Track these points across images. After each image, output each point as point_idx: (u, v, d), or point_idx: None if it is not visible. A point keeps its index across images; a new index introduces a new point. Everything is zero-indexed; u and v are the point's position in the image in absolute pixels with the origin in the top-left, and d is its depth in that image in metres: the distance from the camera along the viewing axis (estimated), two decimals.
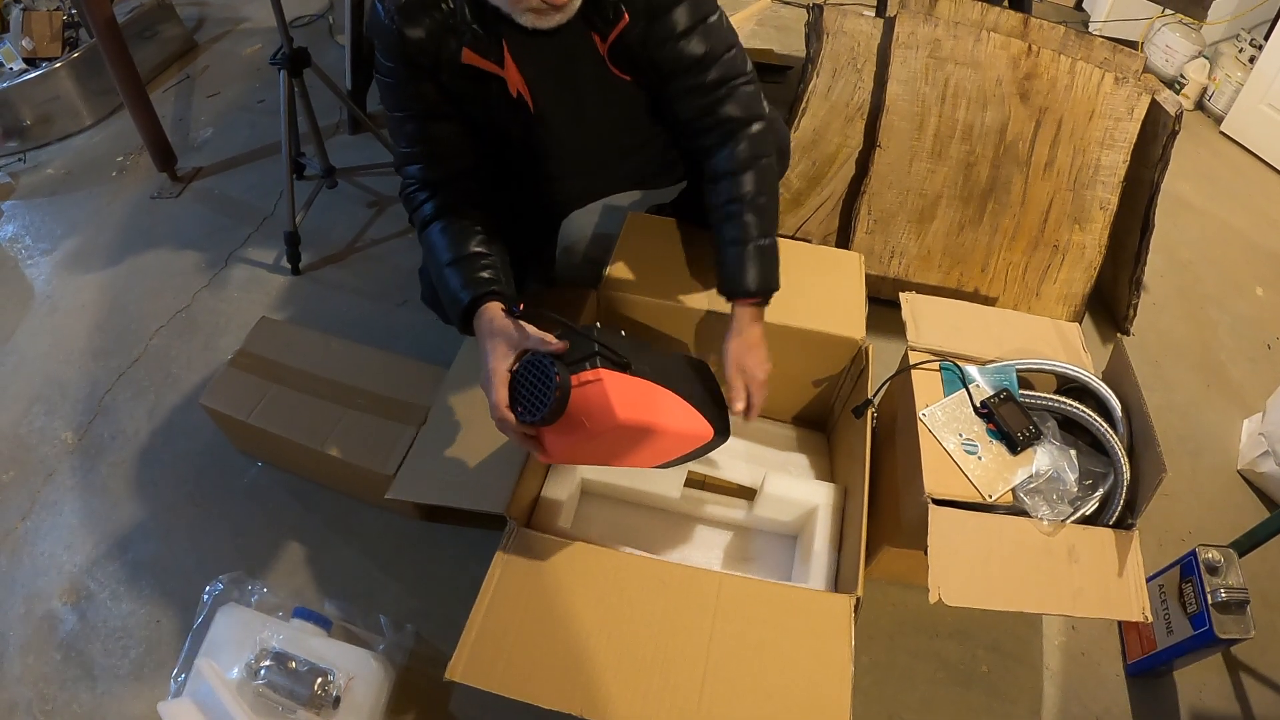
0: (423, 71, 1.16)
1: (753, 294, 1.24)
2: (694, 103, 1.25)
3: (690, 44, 1.20)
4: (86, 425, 1.70)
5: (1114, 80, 1.73)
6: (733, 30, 1.27)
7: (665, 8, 1.18)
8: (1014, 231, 1.80)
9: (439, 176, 1.25)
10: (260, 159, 2.37)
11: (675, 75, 1.24)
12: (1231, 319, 2.07)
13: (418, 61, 1.15)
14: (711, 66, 1.22)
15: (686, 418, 1.13)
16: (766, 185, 1.26)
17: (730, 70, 1.24)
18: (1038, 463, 1.17)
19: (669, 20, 1.19)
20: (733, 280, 1.25)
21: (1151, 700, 1.38)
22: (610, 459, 1.14)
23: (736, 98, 1.25)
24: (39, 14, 2.47)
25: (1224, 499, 1.69)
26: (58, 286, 2.01)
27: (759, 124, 1.26)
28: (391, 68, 1.17)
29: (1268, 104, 2.57)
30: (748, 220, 1.24)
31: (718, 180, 1.26)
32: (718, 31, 1.23)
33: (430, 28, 1.12)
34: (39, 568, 1.48)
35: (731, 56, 1.24)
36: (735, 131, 1.25)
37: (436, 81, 1.18)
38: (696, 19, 1.20)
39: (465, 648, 1.01)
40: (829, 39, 1.79)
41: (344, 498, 1.55)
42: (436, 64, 1.15)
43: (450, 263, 1.19)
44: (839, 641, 1.05)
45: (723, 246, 1.26)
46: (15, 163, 2.42)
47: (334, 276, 2.00)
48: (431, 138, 1.23)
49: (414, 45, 1.13)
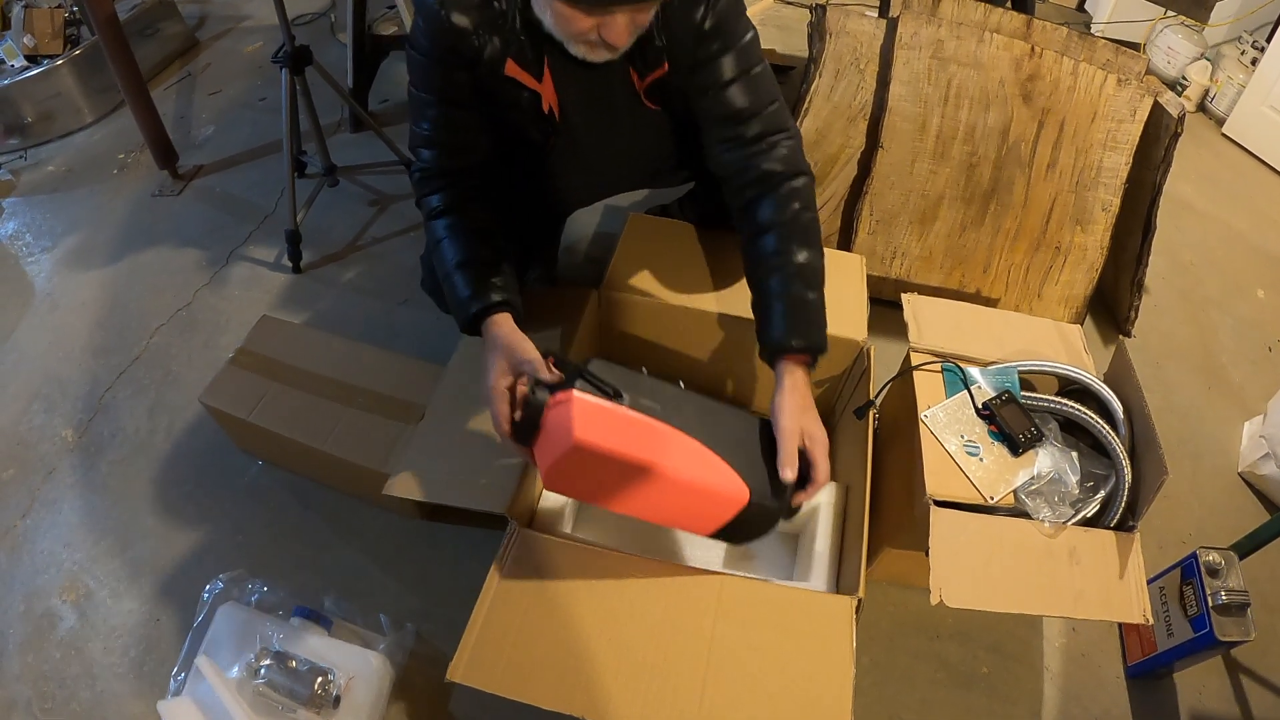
0: (460, 59, 1.15)
1: (799, 351, 1.16)
2: (737, 154, 1.22)
3: (733, 95, 1.19)
4: (87, 423, 1.70)
5: (1116, 82, 1.73)
6: (776, 84, 1.24)
7: (710, 58, 1.17)
8: (1016, 233, 1.80)
9: (453, 166, 1.24)
10: (261, 157, 2.37)
11: (715, 124, 1.22)
12: (1233, 321, 2.07)
13: (457, 48, 1.13)
14: (753, 120, 1.20)
15: (704, 467, 1.02)
16: (811, 240, 1.21)
17: (773, 124, 1.21)
18: (1039, 464, 1.17)
19: (713, 69, 1.18)
20: (779, 337, 1.16)
21: (1151, 702, 1.38)
22: (613, 500, 1.03)
23: (778, 152, 1.21)
24: (41, 11, 2.47)
25: (1225, 501, 1.69)
26: (58, 284, 2.01)
27: (802, 179, 1.22)
28: (428, 47, 1.15)
29: (1270, 106, 2.56)
30: (791, 275, 1.17)
31: (761, 234, 1.20)
32: (762, 84, 1.21)
33: (477, 20, 1.11)
34: (38, 565, 1.48)
35: (775, 109, 1.22)
36: (778, 185, 1.21)
37: (471, 72, 1.17)
38: (741, 70, 1.19)
39: (466, 648, 1.01)
40: (832, 39, 1.79)
41: (344, 496, 1.55)
42: (476, 57, 1.15)
43: (460, 264, 1.18)
44: (840, 643, 1.04)
45: (766, 302, 1.19)
46: (16, 160, 2.41)
47: (335, 275, 2.00)
48: (453, 125, 1.22)
49: (457, 33, 1.12)
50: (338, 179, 2.16)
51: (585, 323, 1.43)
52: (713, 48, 1.18)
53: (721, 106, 1.20)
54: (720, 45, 1.18)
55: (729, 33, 1.18)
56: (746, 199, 1.23)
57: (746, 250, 1.24)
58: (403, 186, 2.23)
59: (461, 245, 1.20)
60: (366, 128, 2.29)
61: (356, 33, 2.29)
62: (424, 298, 1.52)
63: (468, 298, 1.16)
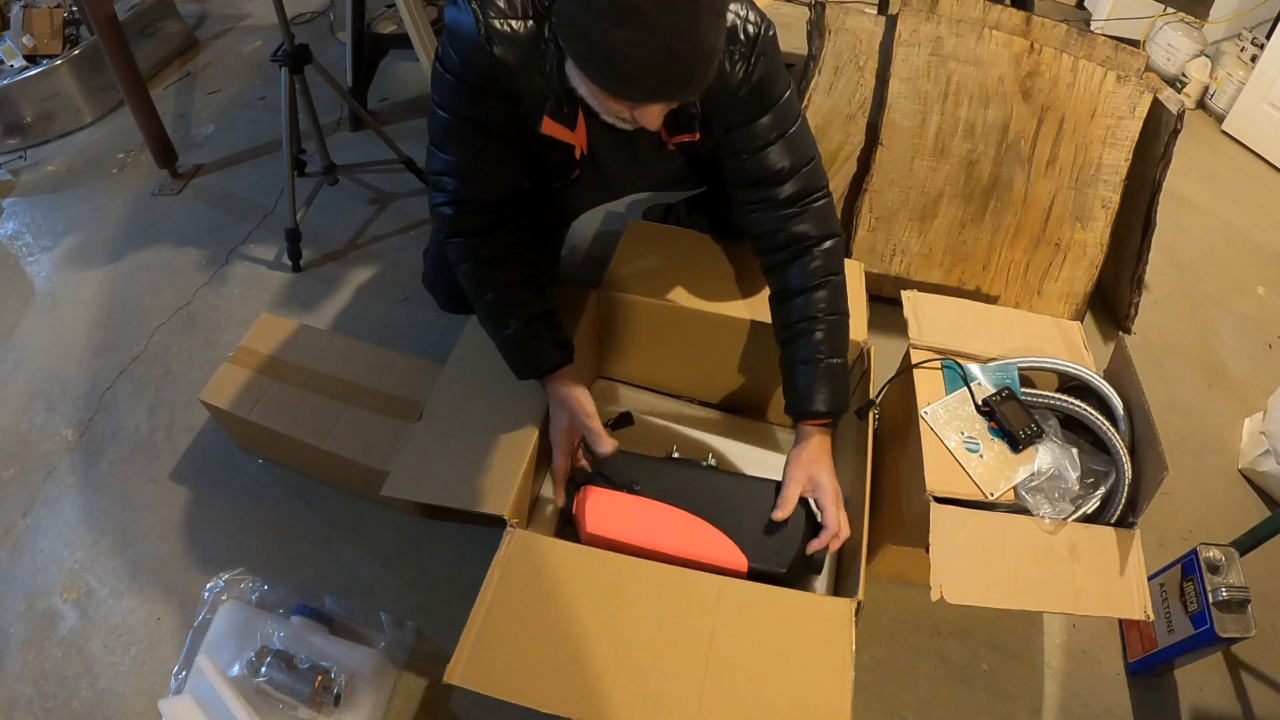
0: (498, 87, 1.10)
1: (823, 415, 1.21)
2: (768, 215, 1.22)
3: (770, 157, 1.18)
4: (87, 422, 1.70)
5: (1116, 79, 1.73)
6: (814, 140, 1.24)
7: (747, 121, 1.16)
8: (1016, 229, 1.80)
9: (486, 200, 1.20)
10: (261, 156, 2.37)
11: (748, 185, 1.22)
12: (1233, 318, 2.07)
13: (498, 78, 1.08)
14: (789, 180, 1.20)
15: (702, 544, 1.19)
16: (838, 304, 1.24)
17: (808, 185, 1.21)
18: (1039, 461, 1.17)
19: (749, 132, 1.17)
20: (804, 400, 1.21)
21: (1152, 699, 1.38)
22: None
23: (811, 214, 1.22)
24: (40, 11, 2.47)
25: (1225, 498, 1.69)
26: (58, 283, 2.01)
27: (832, 240, 1.23)
28: (462, 70, 1.09)
29: (1269, 103, 2.56)
30: (818, 339, 1.21)
31: (790, 298, 1.24)
32: (800, 143, 1.20)
33: (522, 59, 1.06)
34: (39, 565, 1.48)
35: (810, 169, 1.22)
36: (810, 249, 1.22)
37: (509, 103, 1.12)
38: (780, 131, 1.18)
39: (464, 650, 1.01)
40: (831, 37, 1.79)
41: (345, 495, 1.55)
42: (517, 94, 1.10)
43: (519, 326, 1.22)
44: (839, 645, 1.04)
45: (792, 365, 1.23)
46: (16, 160, 2.41)
47: (335, 273, 2.00)
48: (486, 155, 1.17)
49: (499, 66, 1.06)
50: (337, 178, 2.16)
51: (584, 323, 1.44)
52: (751, 111, 1.15)
53: (757, 169, 1.20)
54: (759, 108, 1.15)
55: (767, 93, 1.15)
56: (777, 260, 1.25)
57: (774, 309, 1.29)
58: (403, 185, 2.23)
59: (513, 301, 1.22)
60: (366, 126, 2.29)
61: (356, 31, 2.29)
62: (424, 295, 1.52)
63: (533, 362, 1.25)
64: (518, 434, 1.26)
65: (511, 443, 1.25)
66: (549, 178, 1.31)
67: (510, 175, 1.22)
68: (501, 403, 1.30)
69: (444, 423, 1.30)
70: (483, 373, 1.35)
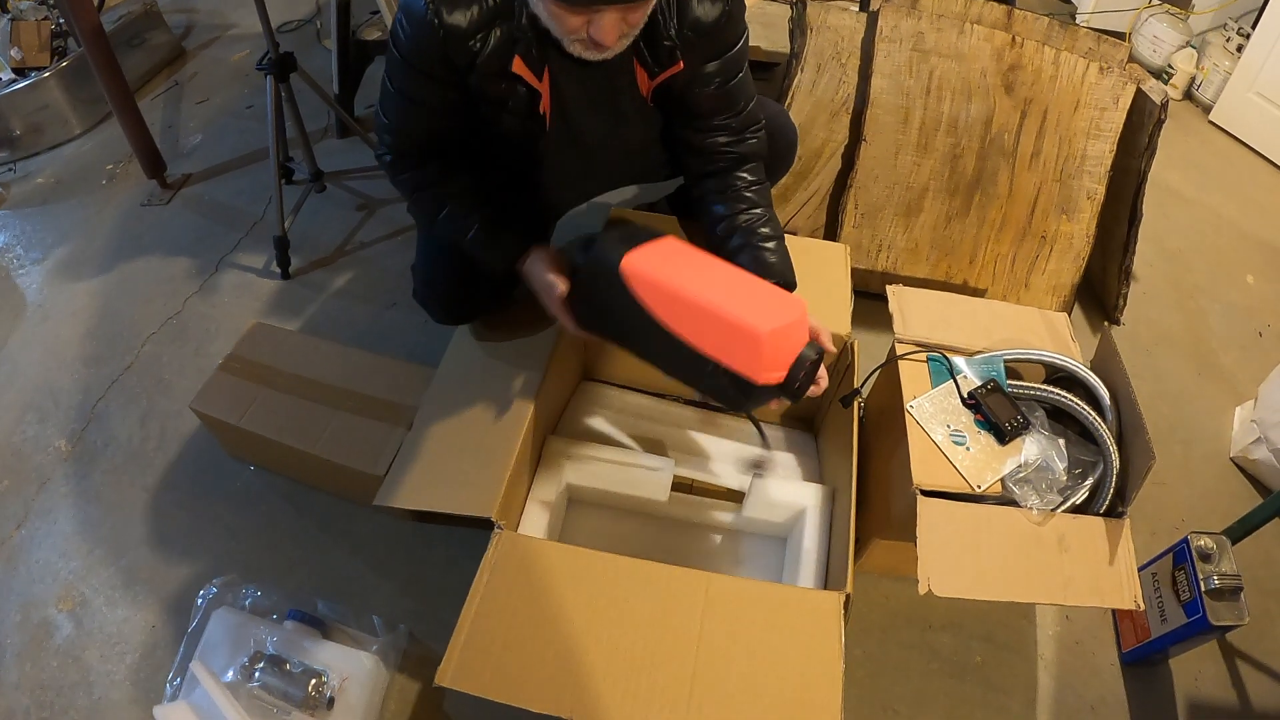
0: (448, 65, 1.13)
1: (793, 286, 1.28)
2: (712, 139, 1.30)
3: (741, 86, 1.27)
4: (79, 433, 1.70)
5: (1099, 70, 1.74)
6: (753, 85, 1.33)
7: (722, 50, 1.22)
8: (1001, 223, 1.80)
9: (428, 147, 1.26)
10: (249, 164, 2.37)
11: (714, 114, 1.28)
12: (1222, 307, 2.07)
13: (446, 54, 1.11)
14: (737, 115, 1.29)
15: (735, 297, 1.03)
16: (767, 199, 1.33)
17: (749, 119, 1.31)
18: (1026, 452, 1.17)
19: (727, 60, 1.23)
20: (783, 274, 1.26)
21: (1147, 689, 1.38)
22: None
23: (750, 142, 1.32)
24: (27, 24, 2.47)
25: (1217, 486, 1.69)
26: (49, 295, 2.01)
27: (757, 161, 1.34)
28: (411, 53, 1.13)
29: (1256, 92, 2.57)
30: (753, 228, 1.27)
31: (721, 198, 1.31)
32: (745, 84, 1.29)
33: (473, 18, 1.08)
34: (34, 575, 1.48)
35: (754, 107, 1.31)
36: (744, 161, 1.32)
37: (458, 77, 1.15)
38: (744, 64, 1.27)
39: (454, 652, 1.01)
40: (813, 34, 1.80)
41: (336, 500, 1.55)
42: (469, 61, 1.12)
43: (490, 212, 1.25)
44: (829, 639, 1.04)
45: (758, 247, 1.26)
46: (5, 172, 2.42)
47: (324, 280, 2.00)
48: (423, 119, 1.23)
49: (450, 33, 1.08)
50: (325, 185, 2.17)
51: None
52: (725, 42, 1.22)
53: (726, 98, 1.27)
54: (733, 40, 1.22)
55: (736, 27, 1.22)
56: (710, 169, 1.33)
57: (705, 211, 1.34)
58: (390, 191, 2.23)
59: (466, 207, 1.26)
60: (353, 133, 2.30)
61: (341, 39, 2.30)
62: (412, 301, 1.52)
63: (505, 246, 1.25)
64: (503, 437, 1.26)
65: (497, 446, 1.24)
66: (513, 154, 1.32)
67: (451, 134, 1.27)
68: (488, 408, 1.30)
69: (433, 430, 1.30)
70: (471, 379, 1.35)
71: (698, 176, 1.35)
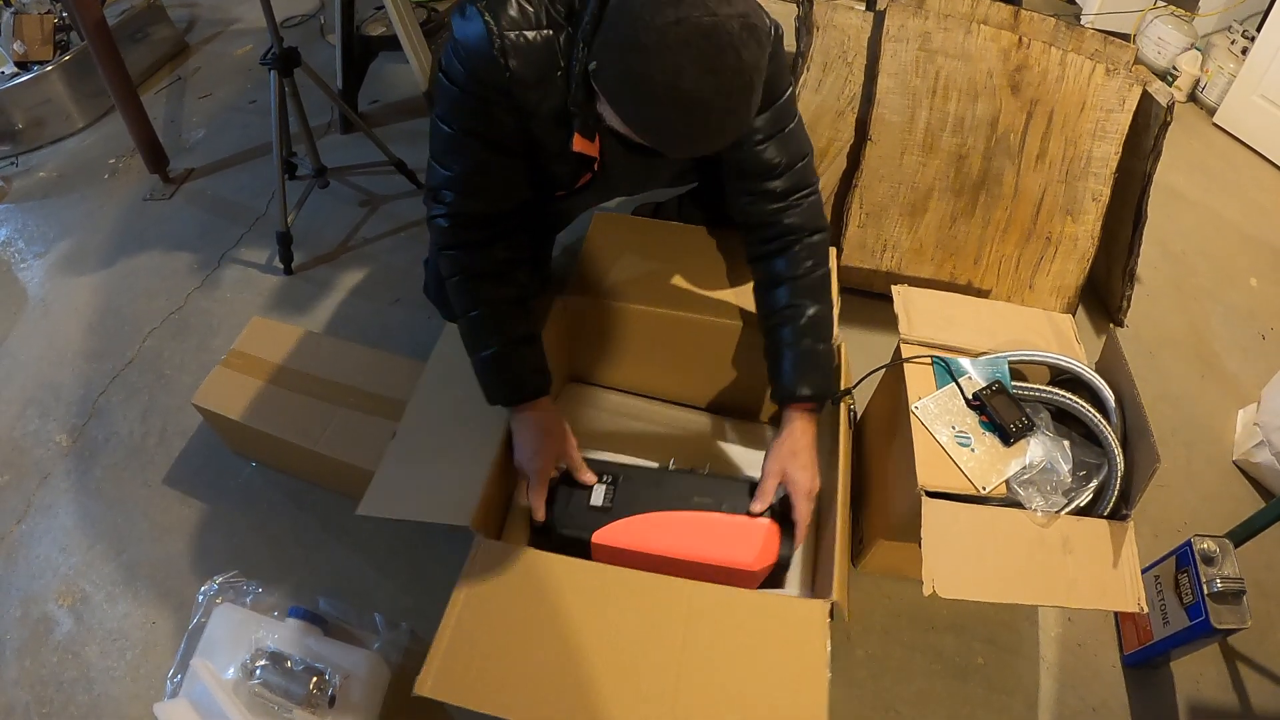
0: (510, 102, 1.08)
1: (809, 399, 1.22)
2: (761, 207, 1.25)
3: (766, 151, 1.20)
4: (80, 428, 1.70)
5: (1105, 72, 1.73)
6: (808, 140, 1.27)
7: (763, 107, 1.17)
8: (1006, 224, 1.80)
9: (487, 213, 1.18)
10: (252, 159, 2.37)
11: (743, 177, 1.24)
12: (1225, 310, 2.07)
13: (511, 92, 1.06)
14: (783, 175, 1.22)
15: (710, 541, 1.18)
16: (823, 294, 1.26)
17: (799, 181, 1.24)
18: (1031, 454, 1.17)
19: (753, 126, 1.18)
20: (790, 384, 1.22)
21: (1149, 691, 1.38)
22: None
23: (802, 209, 1.25)
24: (30, 17, 2.46)
25: (1219, 489, 1.69)
26: (51, 289, 2.01)
27: (820, 234, 1.26)
28: (470, 84, 1.07)
29: (1260, 95, 2.56)
30: (804, 325, 1.22)
31: (776, 285, 1.25)
32: (795, 140, 1.23)
33: (538, 76, 1.05)
34: (35, 571, 1.48)
35: (803, 167, 1.24)
36: (798, 241, 1.25)
37: (518, 116, 1.10)
38: (779, 128, 1.20)
39: (434, 661, 1.00)
40: (819, 33, 1.79)
41: (338, 497, 1.55)
42: (531, 109, 1.09)
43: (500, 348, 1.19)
44: (814, 648, 1.02)
45: (779, 350, 1.24)
46: (8, 166, 2.42)
47: (326, 276, 2.00)
48: (490, 170, 1.15)
49: (511, 77, 1.04)
50: (328, 180, 2.16)
51: (550, 331, 1.38)
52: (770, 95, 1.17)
53: (754, 163, 1.21)
54: (763, 106, 1.17)
55: (771, 91, 1.16)
56: (766, 251, 1.27)
57: (760, 297, 1.30)
58: (393, 187, 2.23)
59: (498, 321, 1.19)
60: (356, 129, 2.29)
61: (345, 34, 2.29)
62: (415, 297, 1.53)
63: (510, 386, 1.20)
64: (482, 445, 1.23)
65: (476, 453, 1.22)
66: (552, 188, 1.30)
67: (513, 190, 1.20)
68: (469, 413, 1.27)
69: (414, 439, 1.27)
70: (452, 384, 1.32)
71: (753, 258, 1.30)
